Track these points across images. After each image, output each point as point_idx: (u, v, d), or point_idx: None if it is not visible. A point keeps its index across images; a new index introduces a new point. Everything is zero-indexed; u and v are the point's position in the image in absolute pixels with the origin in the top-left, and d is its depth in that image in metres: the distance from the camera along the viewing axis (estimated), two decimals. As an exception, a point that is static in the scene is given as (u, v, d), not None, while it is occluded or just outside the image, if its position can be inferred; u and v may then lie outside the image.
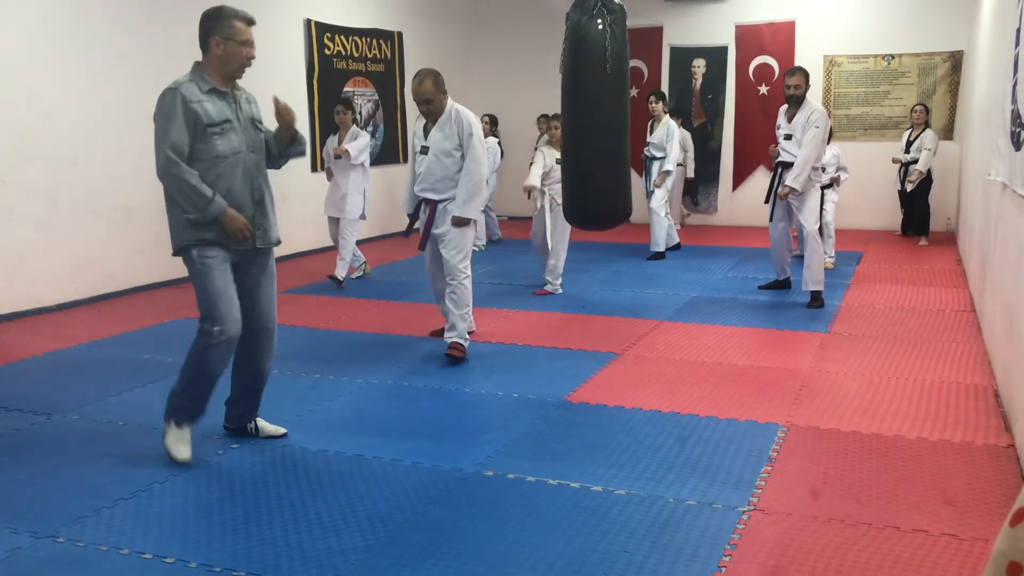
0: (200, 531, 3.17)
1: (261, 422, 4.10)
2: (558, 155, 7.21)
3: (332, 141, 8.16)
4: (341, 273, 7.84)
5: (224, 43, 3.73)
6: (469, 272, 5.41)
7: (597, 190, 4.95)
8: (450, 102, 5.28)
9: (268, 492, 3.50)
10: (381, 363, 5.28)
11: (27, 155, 6.58)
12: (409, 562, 2.92)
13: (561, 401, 4.57)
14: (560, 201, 7.17)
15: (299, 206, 9.51)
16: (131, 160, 7.41)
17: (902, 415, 4.30)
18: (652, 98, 9.17)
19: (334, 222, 8.00)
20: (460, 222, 5.23)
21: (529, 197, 7.24)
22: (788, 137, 6.70)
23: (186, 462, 3.74)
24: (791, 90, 6.65)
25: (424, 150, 5.28)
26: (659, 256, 9.02)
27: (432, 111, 5.22)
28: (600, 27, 4.67)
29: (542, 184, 7.26)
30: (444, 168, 5.24)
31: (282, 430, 4.09)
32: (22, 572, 2.91)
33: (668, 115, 9.35)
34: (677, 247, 9.45)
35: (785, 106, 6.86)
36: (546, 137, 10.43)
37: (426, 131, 5.31)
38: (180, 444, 3.77)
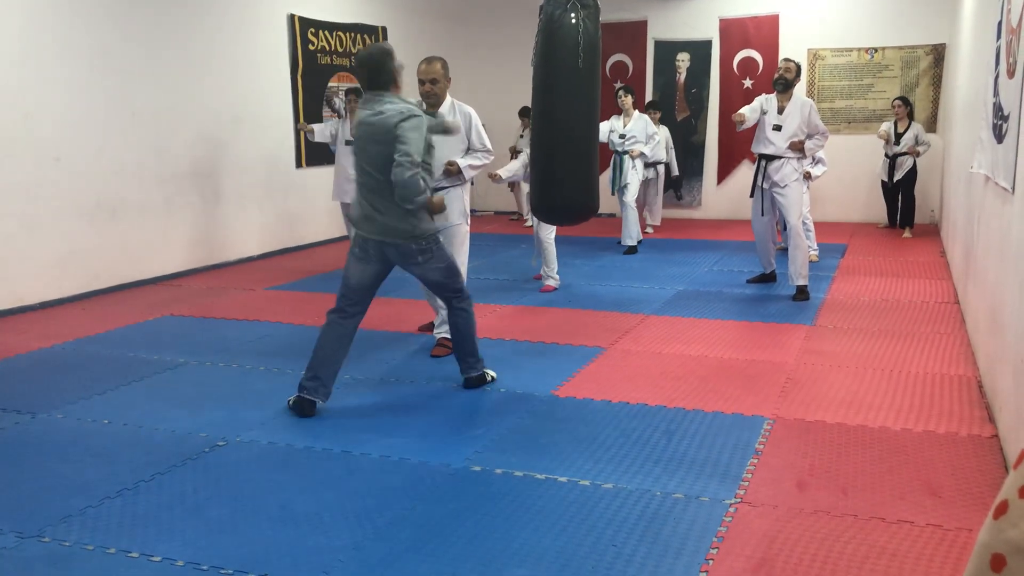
0: (187, 529, 3.16)
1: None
2: None
3: (339, 124, 8.08)
4: None
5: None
6: (464, 271, 5.40)
7: (564, 184, 4.93)
8: (448, 94, 5.30)
9: (255, 490, 3.49)
10: (369, 359, 5.27)
11: (9, 153, 6.52)
12: (398, 558, 2.92)
13: (548, 396, 4.58)
14: None
15: (282, 203, 9.48)
16: (115, 157, 7.37)
17: (887, 407, 4.33)
18: (621, 92, 9.14)
19: (346, 207, 7.97)
20: (454, 168, 5.24)
21: (494, 181, 7.14)
22: (777, 128, 6.70)
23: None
24: (779, 72, 6.72)
25: None
26: (633, 250, 9.02)
27: (435, 93, 5.20)
28: (573, 21, 4.66)
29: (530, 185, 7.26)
30: (444, 156, 5.21)
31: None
32: (7, 572, 2.89)
33: (639, 111, 9.32)
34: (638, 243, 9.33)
35: (765, 95, 6.87)
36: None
37: None
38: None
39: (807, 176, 8.15)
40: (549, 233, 7.20)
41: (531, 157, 5.21)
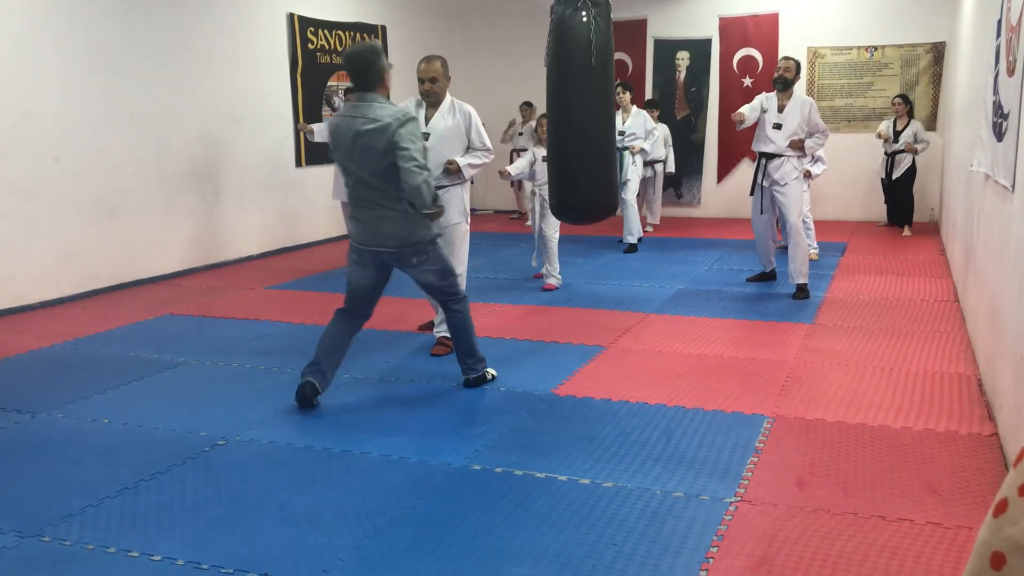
0: (187, 528, 3.16)
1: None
2: (545, 152, 7.20)
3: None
4: None
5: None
6: (464, 270, 5.41)
7: (582, 184, 4.95)
8: (448, 93, 5.31)
9: (255, 489, 3.49)
10: (368, 357, 5.27)
11: (7, 152, 6.52)
12: (398, 557, 2.92)
13: (548, 395, 4.58)
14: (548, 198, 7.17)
15: (282, 202, 9.47)
16: (114, 157, 7.37)
17: (887, 405, 4.33)
18: (619, 89, 9.12)
19: (346, 206, 7.92)
20: (453, 166, 5.24)
21: (503, 178, 7.19)
22: (777, 127, 6.70)
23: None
24: (779, 71, 6.70)
25: (424, 136, 5.25)
26: (634, 248, 9.01)
27: (435, 92, 5.22)
28: (584, 20, 4.66)
29: (533, 184, 7.28)
30: (444, 155, 5.23)
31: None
32: (7, 572, 2.89)
33: (637, 107, 9.31)
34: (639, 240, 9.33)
35: (765, 94, 6.88)
36: (531, 124, 10.47)
37: (425, 118, 5.30)
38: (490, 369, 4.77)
39: (808, 175, 8.13)
40: (555, 232, 7.21)
41: (548, 158, 5.21)
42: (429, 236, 4.35)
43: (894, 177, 9.88)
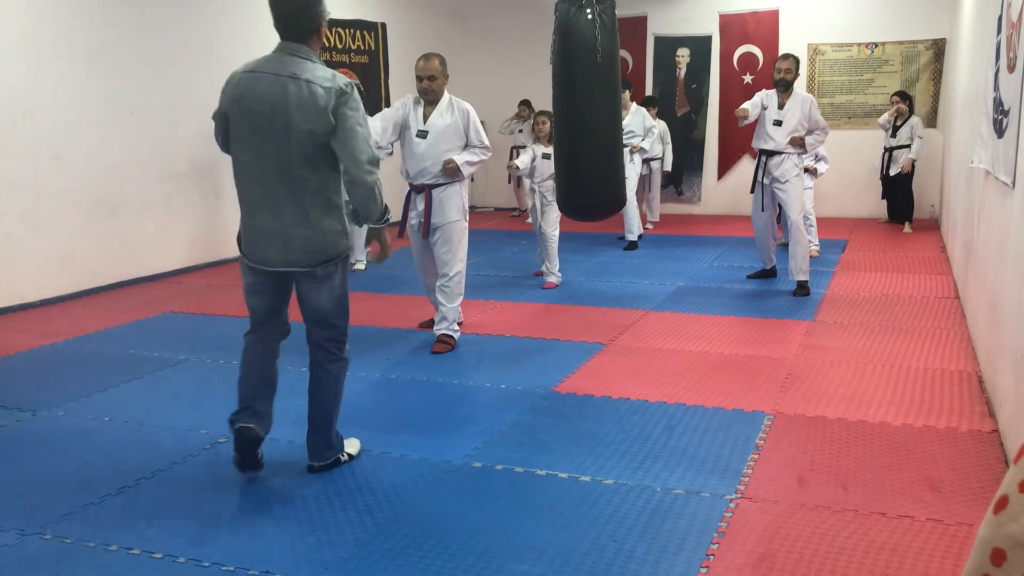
0: (188, 526, 3.16)
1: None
2: (544, 150, 7.21)
3: None
4: (360, 264, 8.13)
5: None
6: (463, 267, 5.42)
7: (590, 180, 4.95)
8: (446, 91, 5.33)
9: (256, 486, 3.49)
10: (369, 355, 5.27)
11: (8, 150, 6.51)
12: (399, 554, 2.92)
13: (549, 392, 4.58)
14: (550, 198, 7.17)
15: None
16: (114, 155, 7.36)
17: (887, 402, 4.33)
18: None
19: (346, 204, 7.95)
20: (452, 165, 5.24)
21: (510, 171, 7.22)
22: (778, 123, 6.70)
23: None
24: (781, 74, 6.68)
25: (422, 134, 5.28)
26: (634, 245, 9.01)
27: (433, 90, 5.24)
28: (589, 17, 4.67)
29: (532, 182, 7.29)
30: (442, 153, 5.25)
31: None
32: (9, 570, 2.89)
33: (636, 105, 9.30)
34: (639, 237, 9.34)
35: (765, 91, 6.88)
36: (530, 123, 10.45)
37: (424, 116, 5.31)
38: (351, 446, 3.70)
39: (813, 172, 8.14)
40: (554, 230, 7.20)
41: (555, 155, 5.21)
42: (346, 252, 3.40)
43: (891, 174, 9.88)
